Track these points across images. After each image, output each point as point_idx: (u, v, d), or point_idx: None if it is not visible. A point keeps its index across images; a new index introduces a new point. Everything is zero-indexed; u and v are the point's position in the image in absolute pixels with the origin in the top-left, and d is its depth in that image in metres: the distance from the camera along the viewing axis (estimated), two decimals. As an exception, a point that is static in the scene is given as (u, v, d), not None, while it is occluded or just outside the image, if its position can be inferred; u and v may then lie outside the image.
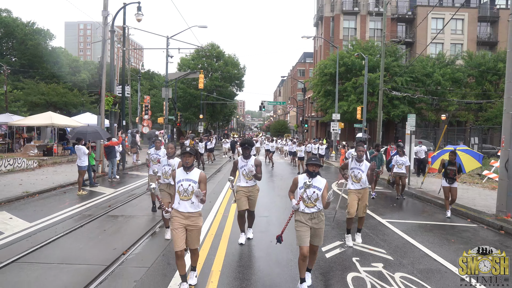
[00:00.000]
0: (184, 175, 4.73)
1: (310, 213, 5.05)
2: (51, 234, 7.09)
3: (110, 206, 9.79)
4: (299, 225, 5.06)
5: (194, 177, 4.75)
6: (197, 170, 4.83)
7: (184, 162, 4.70)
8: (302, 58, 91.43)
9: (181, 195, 4.70)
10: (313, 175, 5.02)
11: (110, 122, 18.03)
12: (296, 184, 5.15)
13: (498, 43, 48.70)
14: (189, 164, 4.70)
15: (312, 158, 5.08)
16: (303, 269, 4.97)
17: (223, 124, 69.94)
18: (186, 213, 4.71)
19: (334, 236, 7.62)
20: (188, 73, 34.36)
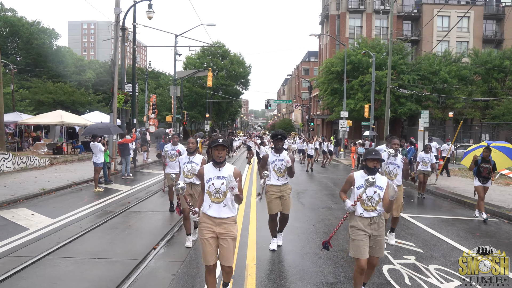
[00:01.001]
0: (215, 172, 3.95)
1: (369, 217, 4.28)
2: (77, 229, 7.05)
3: (129, 202, 9.75)
4: (355, 232, 4.31)
5: (227, 174, 3.94)
6: (229, 166, 4.03)
7: (215, 156, 3.93)
8: (306, 57, 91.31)
9: (212, 196, 3.91)
10: (373, 172, 4.25)
11: (121, 120, 18.00)
12: (351, 182, 4.40)
13: (504, 40, 48.47)
14: (222, 159, 3.93)
15: (372, 152, 4.32)
16: (359, 284, 4.35)
17: (228, 123, 69.92)
18: (218, 218, 3.89)
19: (359, 231, 7.54)
20: (196, 72, 34.35)
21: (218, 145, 3.93)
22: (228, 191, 3.88)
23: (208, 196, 3.94)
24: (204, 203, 3.97)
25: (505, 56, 40.52)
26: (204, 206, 3.96)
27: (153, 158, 21.51)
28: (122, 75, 17.50)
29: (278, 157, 5.92)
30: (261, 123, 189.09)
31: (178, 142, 8.64)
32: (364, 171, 4.37)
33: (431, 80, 39.42)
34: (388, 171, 6.44)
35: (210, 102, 49.98)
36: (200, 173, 4.03)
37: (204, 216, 3.96)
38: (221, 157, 3.93)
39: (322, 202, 10.57)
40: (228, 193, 3.89)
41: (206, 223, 3.92)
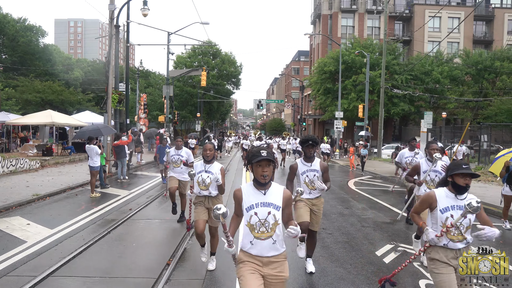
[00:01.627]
0: (258, 196, 2.94)
1: (455, 249, 3.40)
2: (80, 242, 6.49)
3: (131, 209, 9.19)
4: (438, 266, 3.38)
5: (276, 200, 2.94)
6: (278, 187, 3.03)
7: (259, 175, 2.91)
8: (296, 56, 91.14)
9: (255, 230, 2.90)
10: (464, 191, 3.34)
11: (115, 121, 17.35)
12: (430, 203, 3.43)
13: (493, 41, 48.94)
14: (267, 179, 2.90)
15: (463, 165, 3.35)
16: None
17: (219, 122, 69.27)
18: (266, 257, 2.91)
19: (381, 239, 7.14)
20: (190, 71, 33.69)
21: (262, 160, 2.85)
22: (278, 222, 2.92)
23: (250, 230, 2.92)
24: (244, 238, 2.96)
25: (495, 57, 40.86)
26: (244, 243, 2.96)
27: (147, 160, 20.88)
28: (116, 74, 16.85)
29: (309, 166, 5.04)
30: (250, 123, 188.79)
31: (182, 146, 8.08)
32: (448, 188, 3.41)
33: (424, 81, 39.51)
34: (428, 180, 5.79)
35: (201, 102, 49.29)
36: (237, 197, 3.00)
37: (244, 254, 2.97)
38: (267, 177, 2.87)
39: (332, 207, 10.16)
40: (278, 225, 2.90)
41: (250, 262, 2.92)
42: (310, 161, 5.07)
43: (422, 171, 5.92)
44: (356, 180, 16.89)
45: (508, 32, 50.14)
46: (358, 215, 9.35)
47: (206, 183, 5.28)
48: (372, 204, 10.99)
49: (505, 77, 39.62)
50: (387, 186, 15.04)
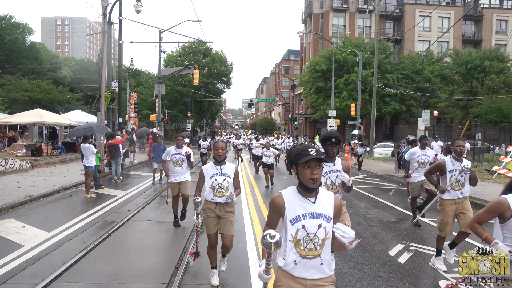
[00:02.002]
0: (306, 204, 2.39)
1: None
2: (80, 245, 6.17)
3: (129, 210, 8.88)
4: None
5: (327, 209, 2.41)
6: (326, 193, 2.50)
7: (306, 179, 2.34)
8: (286, 55, 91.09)
9: (301, 246, 2.37)
10: None
11: (107, 120, 16.93)
12: (501, 211, 3.04)
13: (482, 41, 49.50)
14: (318, 182, 2.34)
15: None
16: None
17: (209, 122, 68.83)
18: (310, 280, 2.39)
19: (391, 239, 6.97)
20: (182, 69, 33.26)
21: (311, 160, 2.33)
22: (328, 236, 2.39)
23: (294, 246, 2.37)
24: (286, 256, 2.40)
25: (485, 57, 41.31)
26: (287, 261, 2.40)
27: (139, 159, 20.49)
28: (109, 72, 16.45)
29: (332, 167, 4.48)
30: (239, 122, 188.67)
31: (183, 144, 7.68)
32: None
33: (415, 80, 39.72)
34: (453, 181, 5.33)
35: (192, 101, 48.87)
36: (278, 206, 2.42)
37: (284, 275, 2.43)
38: (317, 180, 2.33)
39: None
40: (327, 240, 2.38)
41: (291, 285, 2.40)
42: (332, 161, 4.53)
43: (448, 170, 5.36)
44: (353, 179, 16.72)
45: (497, 32, 50.79)
46: (363, 214, 9.18)
47: (223, 188, 4.59)
48: (374, 203, 10.85)
49: (494, 76, 40.08)
50: (385, 185, 14.96)
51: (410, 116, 42.66)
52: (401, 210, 9.77)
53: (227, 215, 4.70)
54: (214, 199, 4.66)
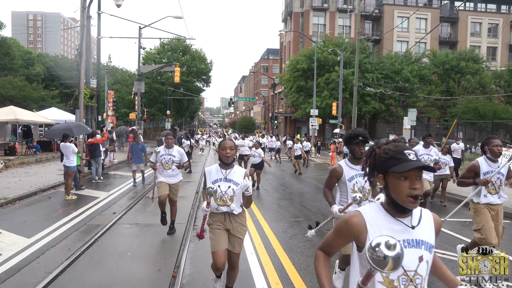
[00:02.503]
0: (405, 232, 1.73)
1: None
2: (65, 252, 5.69)
3: (114, 213, 8.38)
4: None
5: (428, 235, 1.77)
6: (425, 212, 1.85)
7: (407, 194, 1.67)
8: (265, 54, 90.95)
9: None
10: None
11: (86, 118, 16.21)
12: None
13: (458, 42, 50.64)
14: (419, 202, 1.70)
15: None
16: None
17: (188, 121, 67.92)
18: None
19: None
20: (162, 66, 32.43)
21: (412, 170, 1.68)
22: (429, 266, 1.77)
23: None
24: None
25: (461, 58, 42.23)
26: None
27: (119, 159, 19.79)
28: (88, 68, 15.75)
29: (360, 170, 3.83)
30: (217, 121, 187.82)
31: (173, 144, 6.96)
32: None
33: (394, 79, 40.21)
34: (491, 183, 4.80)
35: (171, 99, 48.02)
36: (356, 227, 1.74)
37: None
38: (420, 198, 1.69)
39: (328, 207, 9.75)
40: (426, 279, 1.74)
41: None
42: (360, 163, 3.90)
43: (482, 173, 4.82)
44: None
45: (471, 34, 52.09)
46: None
47: (227, 197, 3.82)
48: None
49: (470, 77, 41.05)
50: (372, 184, 14.86)
51: (389, 116, 43.22)
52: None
53: (239, 227, 3.90)
54: (219, 209, 3.85)
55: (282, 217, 8.44)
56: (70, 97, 36.22)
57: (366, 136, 3.91)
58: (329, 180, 4.07)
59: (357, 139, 3.86)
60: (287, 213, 8.86)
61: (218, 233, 3.84)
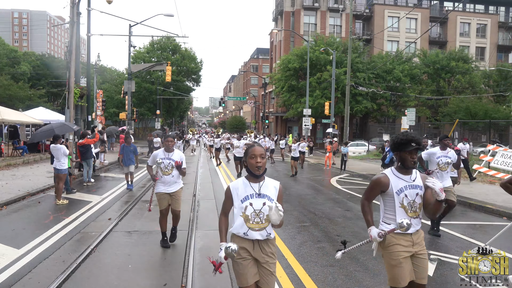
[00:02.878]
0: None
1: None
2: (59, 265, 5.21)
3: (110, 219, 7.90)
4: None
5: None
6: None
7: None
8: (255, 54, 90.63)
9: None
10: None
11: (76, 118, 15.63)
12: None
13: (447, 42, 50.96)
14: None
15: None
16: None
17: (177, 120, 67.22)
18: None
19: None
20: (153, 65, 31.81)
21: None
22: None
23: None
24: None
25: (451, 57, 42.49)
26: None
27: (110, 160, 19.20)
28: (77, 66, 15.17)
29: (411, 181, 3.31)
30: (206, 121, 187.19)
31: (173, 147, 6.21)
32: None
33: (385, 79, 40.22)
34: None
35: (161, 99, 47.34)
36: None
37: None
38: None
39: (332, 209, 9.40)
40: None
41: None
42: (409, 173, 3.34)
43: None
44: (337, 178, 16.36)
45: (460, 34, 52.46)
46: (363, 218, 8.63)
47: (262, 217, 3.00)
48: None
49: (460, 77, 41.29)
50: (371, 185, 14.59)
51: (380, 115, 43.26)
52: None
53: (269, 259, 3.08)
54: (249, 235, 3.02)
55: (287, 221, 8.05)
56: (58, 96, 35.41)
57: (419, 142, 3.29)
58: (370, 192, 3.47)
59: (410, 146, 3.25)
60: (291, 217, 8.49)
61: (246, 265, 3.01)
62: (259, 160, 3.01)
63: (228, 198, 3.11)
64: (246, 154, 3.11)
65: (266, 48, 78.51)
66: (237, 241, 3.03)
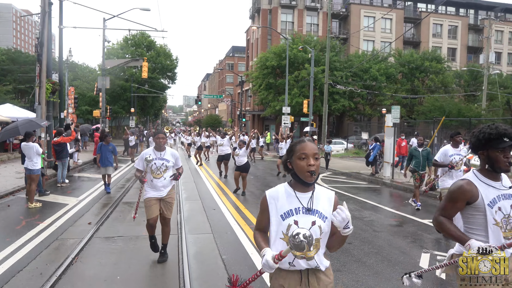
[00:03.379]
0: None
1: None
2: (36, 279, 4.60)
3: (90, 223, 7.27)
4: None
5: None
6: None
7: None
8: (230, 52, 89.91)
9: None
10: None
11: (47, 115, 14.66)
12: None
13: (421, 43, 51.98)
14: None
15: None
16: None
17: (152, 119, 65.77)
18: None
19: (410, 247, 6.15)
20: (129, 61, 30.73)
21: None
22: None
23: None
24: None
25: (425, 57, 43.34)
26: None
27: (83, 159, 18.26)
28: (49, 60, 14.24)
29: (504, 188, 2.54)
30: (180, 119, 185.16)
31: (165, 145, 5.33)
32: None
33: (362, 77, 40.53)
34: None
35: (135, 96, 46.05)
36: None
37: None
38: None
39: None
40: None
41: None
42: (499, 179, 2.57)
43: None
44: (321, 177, 16.11)
45: (433, 34, 53.66)
46: (358, 217, 8.35)
47: (311, 242, 2.14)
48: (360, 203, 10.09)
49: (434, 77, 42.17)
50: (356, 183, 14.44)
51: (357, 114, 43.62)
52: (393, 211, 9.11)
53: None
54: (296, 265, 2.19)
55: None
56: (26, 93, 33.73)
57: None
58: (452, 206, 2.57)
59: (503, 143, 2.43)
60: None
61: None
62: (311, 162, 2.19)
63: (264, 211, 2.31)
64: (291, 152, 2.30)
65: (242, 46, 77.93)
66: (280, 274, 2.23)
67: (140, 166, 5.19)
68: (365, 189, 12.98)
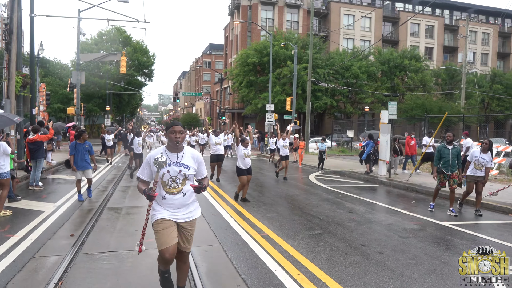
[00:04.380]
0: None
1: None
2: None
3: (73, 235, 6.18)
4: None
5: None
6: None
7: None
8: (207, 49, 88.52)
9: None
10: None
11: (18, 110, 13.29)
12: None
13: (399, 41, 52.33)
14: None
15: None
16: None
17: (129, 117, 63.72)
18: None
19: (447, 255, 5.40)
20: (106, 55, 29.15)
21: None
22: None
23: None
24: None
25: (404, 56, 43.55)
26: None
27: (57, 159, 16.88)
28: (19, 49, 12.90)
29: None
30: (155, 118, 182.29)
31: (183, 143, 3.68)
32: None
33: (343, 75, 40.25)
34: None
35: (111, 94, 44.24)
36: None
37: None
38: None
39: (334, 212, 8.27)
40: None
41: None
42: None
43: None
44: (314, 176, 15.40)
45: (411, 34, 54.16)
46: (375, 221, 7.59)
47: None
48: (369, 205, 9.35)
49: (413, 75, 42.42)
50: (353, 182, 13.77)
51: (338, 111, 43.35)
52: (407, 213, 8.39)
53: None
54: None
55: (293, 229, 6.78)
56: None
57: None
58: None
59: None
60: (294, 223, 7.24)
61: None
62: None
63: None
64: None
65: (220, 44, 76.78)
66: None
67: (144, 176, 3.56)
68: (365, 188, 12.31)
